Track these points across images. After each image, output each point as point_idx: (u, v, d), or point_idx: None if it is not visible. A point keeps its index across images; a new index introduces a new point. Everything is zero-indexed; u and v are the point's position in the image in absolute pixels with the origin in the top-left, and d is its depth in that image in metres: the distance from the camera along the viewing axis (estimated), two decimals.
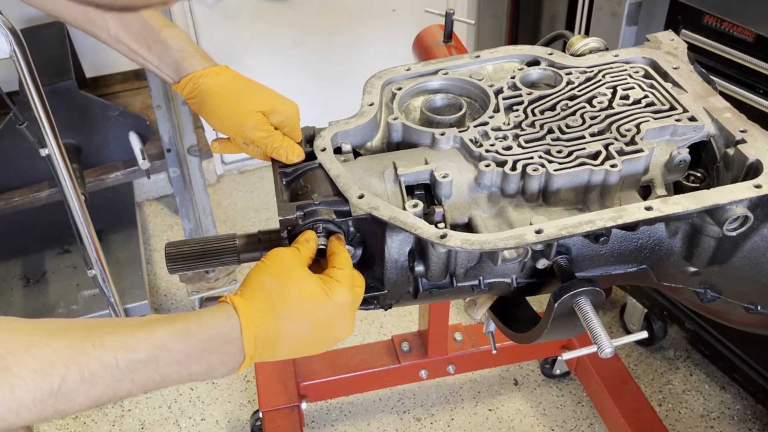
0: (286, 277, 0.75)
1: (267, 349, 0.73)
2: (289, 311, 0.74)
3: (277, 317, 0.73)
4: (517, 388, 2.10)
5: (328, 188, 0.84)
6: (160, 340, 0.67)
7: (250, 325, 0.71)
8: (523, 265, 0.87)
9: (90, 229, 1.73)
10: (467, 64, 1.00)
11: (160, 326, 0.68)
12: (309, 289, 0.75)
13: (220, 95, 0.94)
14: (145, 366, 0.66)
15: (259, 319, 0.72)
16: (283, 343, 0.74)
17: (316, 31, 2.77)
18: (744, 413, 1.99)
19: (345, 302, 0.77)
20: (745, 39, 1.54)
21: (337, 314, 0.76)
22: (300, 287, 0.75)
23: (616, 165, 0.81)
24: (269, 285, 0.74)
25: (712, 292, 0.89)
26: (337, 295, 0.76)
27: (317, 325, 0.75)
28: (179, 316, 0.70)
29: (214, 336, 0.70)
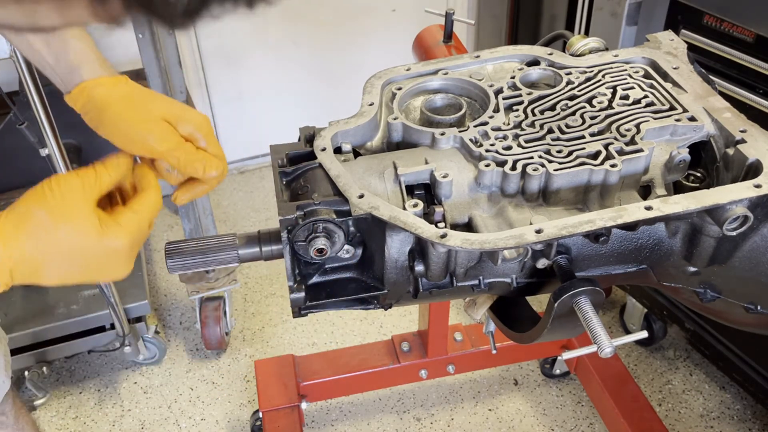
0: (61, 215, 0.68)
1: (27, 278, 0.68)
2: (56, 249, 0.68)
3: (40, 253, 0.68)
4: (517, 388, 2.10)
5: (328, 188, 0.84)
6: None
7: (5, 257, 0.66)
8: (523, 264, 0.87)
9: None
10: (467, 64, 1.00)
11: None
12: (83, 230, 0.69)
13: (118, 105, 0.83)
14: None
15: (17, 252, 0.66)
16: (46, 274, 0.69)
17: (316, 31, 2.77)
18: (744, 413, 1.99)
19: (119, 248, 0.71)
20: (745, 39, 1.54)
21: (110, 258, 0.71)
22: (73, 228, 0.68)
23: (616, 165, 0.81)
24: (40, 219, 0.67)
25: (712, 292, 0.89)
26: (112, 239, 0.70)
27: (86, 265, 0.71)
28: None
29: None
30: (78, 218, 0.69)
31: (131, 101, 0.83)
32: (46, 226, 0.67)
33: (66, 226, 0.68)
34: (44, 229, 0.67)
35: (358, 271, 0.88)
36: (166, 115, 0.82)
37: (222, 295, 2.16)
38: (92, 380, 2.16)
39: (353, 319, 2.33)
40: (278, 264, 1.68)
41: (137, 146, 0.82)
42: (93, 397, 2.11)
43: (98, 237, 0.70)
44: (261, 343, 2.26)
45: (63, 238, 0.68)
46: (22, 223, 0.67)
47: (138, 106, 0.83)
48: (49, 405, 2.09)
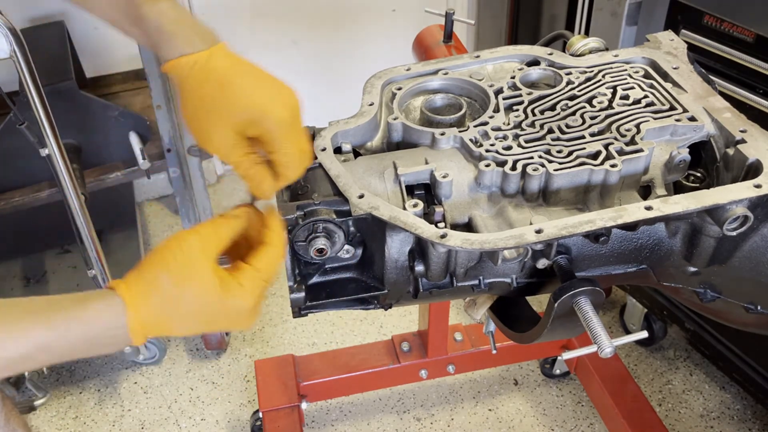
0: (185, 278, 0.69)
1: (158, 334, 0.70)
2: (182, 312, 0.70)
3: (168, 318, 0.70)
4: (517, 388, 2.10)
5: (328, 188, 0.84)
6: (37, 339, 0.64)
7: (137, 327, 0.68)
8: (523, 264, 0.87)
9: (90, 229, 1.73)
10: (467, 64, 1.00)
11: (37, 322, 0.64)
12: (207, 293, 0.70)
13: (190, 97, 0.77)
14: (23, 361, 0.64)
15: (149, 320, 0.68)
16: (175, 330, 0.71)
17: (316, 31, 2.77)
18: (744, 413, 1.99)
19: (243, 309, 0.72)
20: (745, 39, 1.54)
21: (233, 318, 0.72)
22: (198, 291, 0.70)
23: (616, 165, 0.81)
24: (165, 285, 0.69)
25: (712, 292, 0.89)
26: (236, 300, 0.71)
27: (211, 324, 0.72)
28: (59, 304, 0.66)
29: (99, 334, 0.66)
30: (200, 282, 0.70)
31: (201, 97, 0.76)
32: (171, 292, 0.69)
33: (189, 291, 0.69)
34: (170, 295, 0.69)
35: (358, 271, 0.88)
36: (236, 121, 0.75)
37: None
38: (92, 380, 2.16)
39: (353, 319, 2.33)
40: None
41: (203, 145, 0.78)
42: (93, 397, 2.11)
43: (221, 299, 0.70)
44: (261, 343, 2.26)
45: (188, 302, 0.70)
46: (150, 290, 0.69)
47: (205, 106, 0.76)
48: (49, 405, 2.09)
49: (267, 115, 0.75)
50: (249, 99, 0.76)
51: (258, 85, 0.78)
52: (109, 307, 0.67)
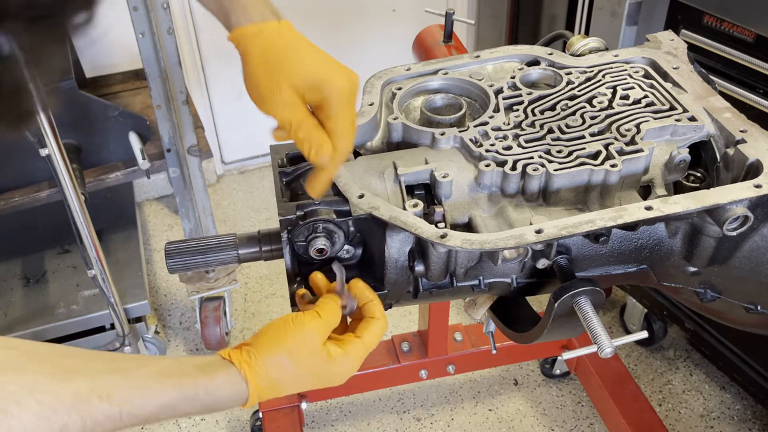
0: (303, 359, 0.76)
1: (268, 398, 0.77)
2: (293, 382, 0.77)
3: (281, 386, 0.76)
4: (517, 388, 2.10)
5: None
6: (167, 401, 0.69)
7: (255, 397, 0.74)
8: (523, 265, 0.87)
9: (90, 229, 1.73)
10: (467, 64, 1.00)
11: (170, 387, 0.69)
12: (322, 369, 0.77)
13: (255, 61, 0.80)
14: (146, 419, 0.69)
15: (265, 391, 0.75)
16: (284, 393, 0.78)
17: (316, 31, 2.76)
18: (744, 413, 1.99)
19: (348, 375, 0.80)
20: (745, 39, 1.54)
21: (338, 380, 0.80)
22: (310, 366, 0.77)
23: (616, 165, 0.81)
24: (285, 366, 0.75)
25: (712, 292, 0.89)
26: (345, 370, 0.79)
27: (317, 384, 0.79)
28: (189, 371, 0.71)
29: (221, 404, 0.73)
30: (314, 359, 0.77)
31: (268, 59, 0.79)
32: (291, 371, 0.76)
33: (304, 366, 0.77)
34: (290, 374, 0.76)
35: (358, 271, 0.88)
36: (295, 79, 0.78)
37: (222, 295, 2.16)
38: None
39: None
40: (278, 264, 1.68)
41: (264, 108, 0.80)
42: None
43: (330, 368, 0.78)
44: None
45: (306, 378, 0.77)
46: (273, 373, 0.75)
47: (271, 66, 0.79)
48: None
49: (329, 82, 0.78)
50: (314, 65, 0.79)
51: (323, 57, 0.81)
52: (233, 381, 0.73)
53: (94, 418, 0.64)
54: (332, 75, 0.79)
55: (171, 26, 1.68)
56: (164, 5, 1.65)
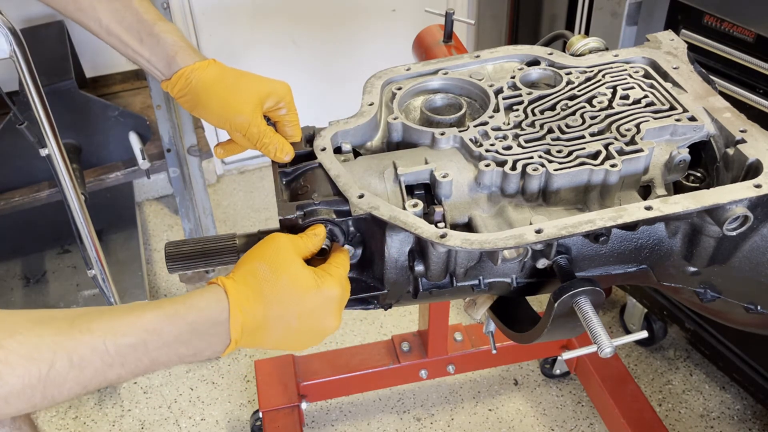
0: (279, 266, 0.75)
1: (253, 335, 0.73)
2: (278, 299, 0.74)
3: (265, 304, 0.73)
4: (517, 388, 2.10)
5: (328, 188, 0.84)
6: (149, 324, 0.68)
7: (238, 310, 0.71)
8: (523, 264, 0.87)
9: (90, 229, 1.73)
10: (467, 64, 1.00)
11: (148, 310, 0.68)
12: (301, 279, 0.75)
13: (213, 88, 0.92)
14: (135, 349, 0.67)
15: (248, 304, 0.72)
16: (269, 331, 0.74)
17: (316, 31, 2.77)
18: (744, 413, 1.99)
19: (334, 295, 0.77)
20: (745, 39, 1.54)
21: (325, 306, 0.77)
22: (292, 277, 0.75)
23: (616, 165, 0.81)
24: (261, 272, 0.74)
25: (712, 292, 0.89)
26: (327, 288, 0.76)
27: (304, 315, 0.76)
28: (166, 300, 0.71)
29: (203, 318, 0.70)
30: (294, 269, 0.76)
31: (225, 84, 0.93)
32: (268, 277, 0.74)
33: (285, 276, 0.75)
34: (267, 281, 0.74)
35: (358, 271, 0.88)
36: (253, 94, 0.92)
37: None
38: None
39: (353, 319, 2.33)
40: None
41: (228, 124, 0.92)
42: (93, 397, 2.11)
43: (316, 285, 0.76)
44: None
45: (284, 288, 0.74)
46: (249, 278, 0.74)
47: (230, 88, 0.92)
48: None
49: (279, 88, 0.94)
50: (262, 80, 0.94)
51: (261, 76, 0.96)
52: (212, 293, 0.72)
53: (80, 353, 0.64)
54: (277, 86, 0.94)
55: None
56: (164, 5, 1.65)
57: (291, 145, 0.92)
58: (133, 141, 1.96)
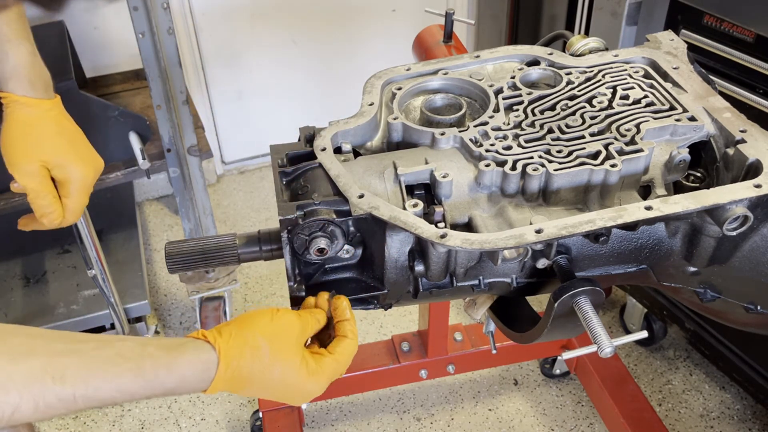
0: (280, 352, 0.74)
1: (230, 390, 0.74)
2: (264, 381, 0.74)
3: (250, 382, 0.73)
4: (517, 388, 2.10)
5: (328, 188, 0.84)
6: (124, 386, 0.66)
7: (221, 384, 0.71)
8: (523, 264, 0.87)
9: (90, 229, 1.73)
10: (467, 64, 1.00)
11: (127, 370, 0.66)
12: (294, 373, 0.75)
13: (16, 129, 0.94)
14: (103, 403, 0.66)
15: (234, 381, 0.71)
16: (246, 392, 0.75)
17: (316, 31, 2.77)
18: (744, 413, 1.99)
19: (316, 392, 0.78)
20: (745, 39, 1.54)
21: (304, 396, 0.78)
22: (287, 369, 0.75)
23: (616, 165, 0.81)
24: (261, 351, 0.73)
25: (711, 292, 0.89)
26: (314, 385, 0.77)
27: (281, 395, 0.77)
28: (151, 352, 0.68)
29: (183, 387, 0.69)
30: (293, 360, 0.75)
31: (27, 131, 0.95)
32: (264, 361, 0.73)
33: (281, 365, 0.74)
34: (262, 363, 0.73)
35: (358, 271, 0.88)
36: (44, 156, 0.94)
37: (222, 295, 2.16)
38: None
39: None
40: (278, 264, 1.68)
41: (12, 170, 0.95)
42: None
43: (305, 381, 0.76)
44: None
45: (276, 374, 0.74)
46: (247, 353, 0.72)
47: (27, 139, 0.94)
48: None
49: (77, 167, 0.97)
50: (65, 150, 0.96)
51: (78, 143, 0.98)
52: (203, 361, 0.70)
53: (47, 400, 0.63)
54: (78, 162, 0.96)
55: (171, 26, 1.68)
56: (164, 5, 1.65)
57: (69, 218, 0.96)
58: (133, 141, 1.96)
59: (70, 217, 1.03)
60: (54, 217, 0.99)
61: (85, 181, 1.00)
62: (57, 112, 0.99)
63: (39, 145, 0.95)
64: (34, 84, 0.97)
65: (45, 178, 0.98)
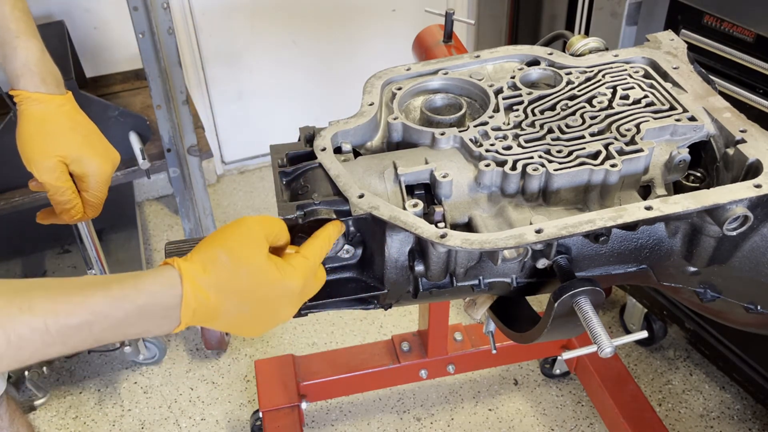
0: (241, 255, 0.71)
1: (204, 319, 0.71)
2: (234, 289, 0.71)
3: (221, 294, 0.70)
4: (517, 388, 2.10)
5: (328, 188, 0.84)
6: (95, 306, 0.64)
7: (192, 297, 0.68)
8: (523, 264, 0.87)
9: (90, 229, 1.74)
10: (467, 64, 1.00)
11: (95, 291, 0.65)
12: (261, 272, 0.72)
13: (31, 125, 0.94)
14: (78, 331, 0.64)
15: (203, 294, 0.69)
16: (221, 317, 0.72)
17: (316, 31, 2.77)
18: (744, 413, 1.99)
19: (294, 289, 0.74)
20: (745, 39, 1.54)
21: (282, 298, 0.75)
22: (253, 269, 0.72)
23: (616, 165, 0.81)
24: (222, 259, 0.70)
25: (711, 292, 0.89)
26: (288, 280, 0.74)
27: (260, 305, 0.73)
28: (116, 278, 0.67)
29: (153, 303, 0.67)
30: (256, 260, 0.72)
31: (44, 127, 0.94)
32: (228, 267, 0.70)
33: (245, 268, 0.71)
34: (227, 270, 0.70)
35: (358, 271, 0.88)
36: (63, 151, 0.95)
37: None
38: (92, 380, 2.16)
39: (353, 319, 2.33)
40: None
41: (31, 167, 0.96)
42: (93, 397, 2.11)
43: (275, 277, 0.73)
44: (261, 343, 2.26)
45: (242, 279, 0.71)
46: (207, 264, 0.70)
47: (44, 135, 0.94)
48: (49, 405, 2.09)
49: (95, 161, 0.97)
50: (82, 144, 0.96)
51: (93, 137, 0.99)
52: (165, 277, 0.68)
53: (18, 331, 0.60)
54: (95, 156, 0.96)
55: (171, 26, 1.68)
56: (164, 5, 1.65)
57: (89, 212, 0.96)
58: (133, 141, 1.96)
59: (91, 212, 1.01)
60: (74, 212, 0.98)
61: (104, 175, 0.99)
62: (70, 107, 0.99)
63: (55, 140, 0.94)
64: (46, 80, 0.96)
65: (63, 173, 0.97)
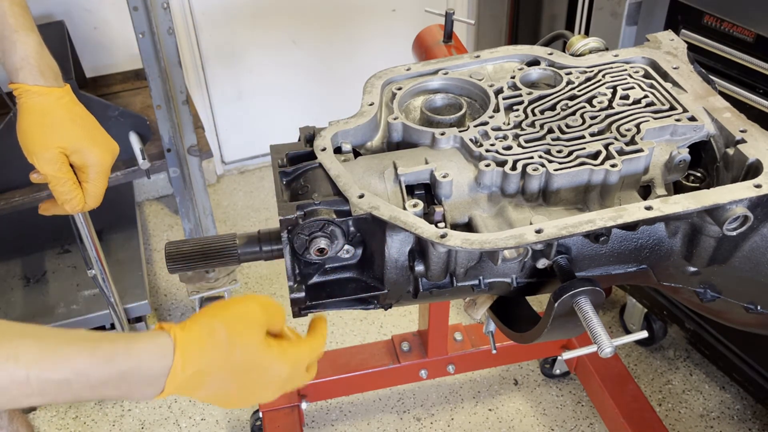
0: (238, 337, 0.71)
1: (187, 390, 0.70)
2: (225, 368, 0.71)
3: (210, 371, 0.70)
4: (517, 388, 2.10)
5: (328, 188, 0.84)
6: (79, 366, 0.63)
7: (179, 371, 0.67)
8: (523, 264, 0.87)
9: (90, 229, 1.73)
10: (467, 64, 1.00)
11: (83, 349, 0.64)
12: (257, 355, 0.72)
13: (31, 118, 0.95)
14: (58, 386, 0.62)
15: (191, 370, 0.68)
16: (205, 389, 0.71)
17: (316, 31, 2.77)
18: (744, 413, 1.99)
19: (281, 374, 0.75)
20: (745, 39, 1.54)
21: (270, 383, 0.75)
22: (248, 351, 0.72)
23: (616, 165, 0.81)
24: (219, 336, 0.70)
25: (711, 292, 0.89)
26: (276, 365, 0.74)
27: (246, 385, 0.73)
28: (109, 336, 0.66)
29: (140, 368, 0.66)
30: (254, 340, 0.72)
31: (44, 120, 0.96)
32: (223, 347, 0.70)
33: (241, 347, 0.71)
34: (221, 350, 0.70)
35: (358, 271, 0.88)
36: (63, 142, 0.96)
37: (222, 295, 2.16)
38: None
39: (353, 319, 2.33)
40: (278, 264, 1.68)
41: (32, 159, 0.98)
42: None
43: (267, 363, 0.73)
44: None
45: (237, 359, 0.71)
46: (204, 338, 0.70)
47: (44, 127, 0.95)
48: (49, 405, 2.09)
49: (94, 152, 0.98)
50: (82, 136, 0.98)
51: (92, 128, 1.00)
52: (158, 344, 0.67)
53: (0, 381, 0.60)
54: (95, 147, 0.98)
55: (171, 26, 1.68)
56: (164, 5, 1.65)
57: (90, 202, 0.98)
58: (133, 141, 1.96)
59: (92, 202, 1.03)
60: (76, 202, 1.00)
61: (104, 165, 1.00)
62: (69, 99, 1.00)
63: (55, 132, 0.96)
64: (44, 73, 0.98)
65: (64, 164, 0.98)
